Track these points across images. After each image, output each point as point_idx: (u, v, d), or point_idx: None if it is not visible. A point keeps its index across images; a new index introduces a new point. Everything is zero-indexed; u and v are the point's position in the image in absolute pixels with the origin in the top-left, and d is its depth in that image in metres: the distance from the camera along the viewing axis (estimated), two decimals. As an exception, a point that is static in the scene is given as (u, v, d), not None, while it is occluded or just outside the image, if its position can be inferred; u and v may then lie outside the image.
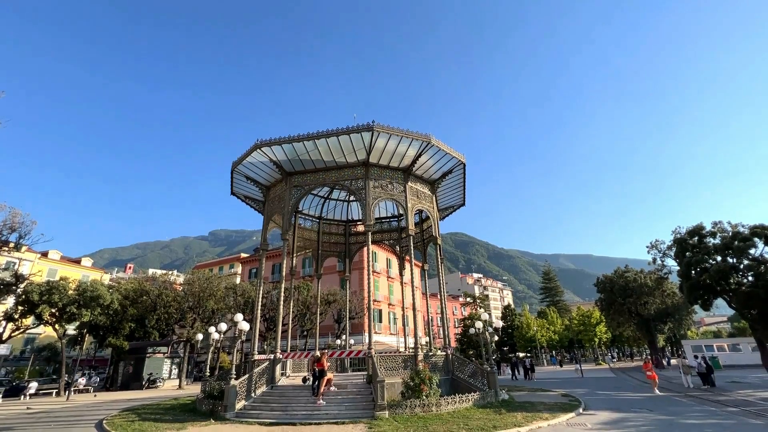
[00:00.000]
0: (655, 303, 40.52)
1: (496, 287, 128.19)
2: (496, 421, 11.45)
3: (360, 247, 27.01)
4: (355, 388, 14.77)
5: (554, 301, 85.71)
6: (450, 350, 18.28)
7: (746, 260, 18.49)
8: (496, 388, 16.30)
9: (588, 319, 58.25)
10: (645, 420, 12.04)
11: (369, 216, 17.33)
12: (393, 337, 47.15)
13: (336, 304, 39.11)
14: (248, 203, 22.23)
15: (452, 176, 20.61)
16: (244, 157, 18.11)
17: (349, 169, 18.49)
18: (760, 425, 10.78)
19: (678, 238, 21.14)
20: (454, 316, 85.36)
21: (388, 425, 11.11)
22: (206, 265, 70.36)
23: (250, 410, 13.76)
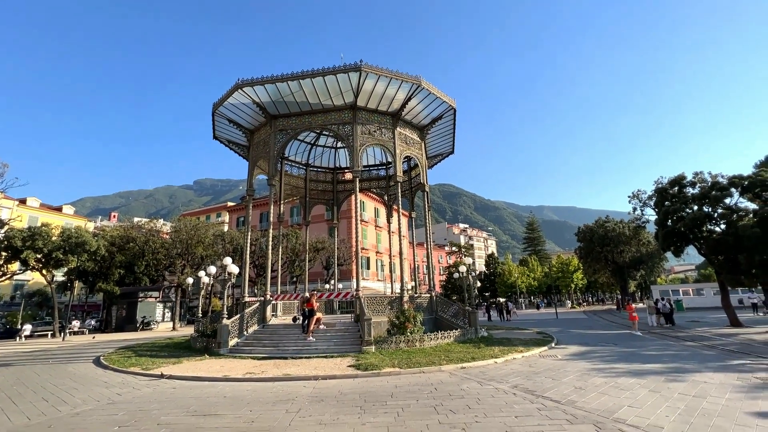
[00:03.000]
0: (631, 251, 42.48)
1: (481, 237, 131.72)
2: (474, 353, 12.31)
3: (348, 195, 26.95)
4: (343, 327, 15.52)
5: (536, 251, 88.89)
6: (434, 293, 19.11)
7: (720, 209, 19.19)
8: (476, 326, 17.36)
9: (566, 267, 61.05)
10: (610, 352, 13.13)
11: (357, 162, 17.08)
12: (380, 283, 48.86)
13: (324, 251, 39.83)
14: (232, 148, 21.56)
15: (442, 122, 20.17)
16: (225, 98, 17.24)
17: (336, 113, 17.86)
18: (710, 355, 11.89)
19: (659, 187, 21.64)
20: (440, 265, 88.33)
21: (374, 357, 11.86)
22: (193, 213, 69.76)
23: (243, 347, 14.44)
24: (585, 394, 7.47)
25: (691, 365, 10.19)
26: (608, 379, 8.81)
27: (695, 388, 7.75)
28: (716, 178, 19.94)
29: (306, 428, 5.99)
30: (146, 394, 8.75)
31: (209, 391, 8.91)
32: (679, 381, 8.38)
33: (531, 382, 8.73)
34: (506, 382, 8.72)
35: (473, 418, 6.20)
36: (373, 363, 10.90)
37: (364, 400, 7.59)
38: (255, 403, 7.66)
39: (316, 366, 11.16)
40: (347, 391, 8.37)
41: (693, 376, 8.88)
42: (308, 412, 6.89)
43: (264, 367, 11.34)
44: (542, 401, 7.08)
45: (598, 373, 9.44)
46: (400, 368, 10.38)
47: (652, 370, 9.71)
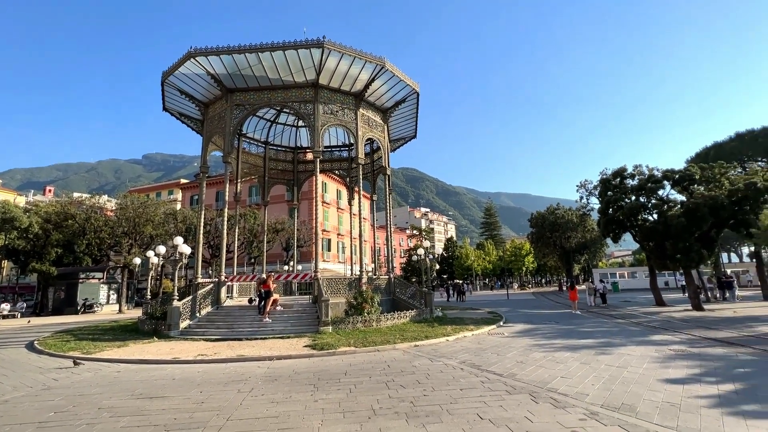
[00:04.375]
0: (577, 237, 45.54)
1: (442, 221, 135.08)
2: (428, 332, 12.83)
3: (309, 176, 26.43)
4: (300, 308, 15.50)
5: (492, 235, 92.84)
6: (393, 274, 19.51)
7: (654, 200, 21.03)
8: (431, 307, 18.01)
9: (519, 251, 64.46)
10: (552, 329, 14.21)
11: (318, 142, 16.75)
12: (341, 265, 48.97)
13: (284, 232, 39.12)
14: (184, 121, 20.30)
15: (405, 106, 20.18)
16: (175, 67, 16.07)
17: (297, 90, 17.29)
18: (636, 330, 13.23)
19: (603, 178, 23.25)
20: (401, 247, 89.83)
21: (330, 337, 12.01)
22: (142, 190, 65.41)
23: (195, 329, 14.04)
24: (525, 368, 8.09)
25: (619, 340, 11.29)
26: (547, 353, 9.57)
27: (619, 359, 8.63)
28: (652, 171, 21.72)
29: (258, 407, 6.02)
30: (87, 379, 8.33)
31: (157, 373, 8.65)
32: (607, 354, 9.29)
33: (478, 357, 9.29)
34: (455, 359, 9.22)
35: (422, 392, 6.53)
36: (329, 342, 11.06)
37: (318, 378, 7.73)
38: (206, 384, 7.56)
39: (272, 347, 11.14)
40: (302, 371, 8.47)
41: (619, 349, 9.86)
42: (261, 391, 6.92)
43: (217, 348, 11.13)
44: (486, 375, 7.58)
45: (538, 349, 10.22)
46: (356, 347, 10.62)
47: (586, 345, 10.65)
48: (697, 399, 5.78)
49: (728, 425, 4.76)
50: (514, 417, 5.22)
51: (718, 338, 11.00)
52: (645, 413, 5.24)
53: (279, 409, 5.90)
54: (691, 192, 20.37)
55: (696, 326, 13.60)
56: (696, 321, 15.10)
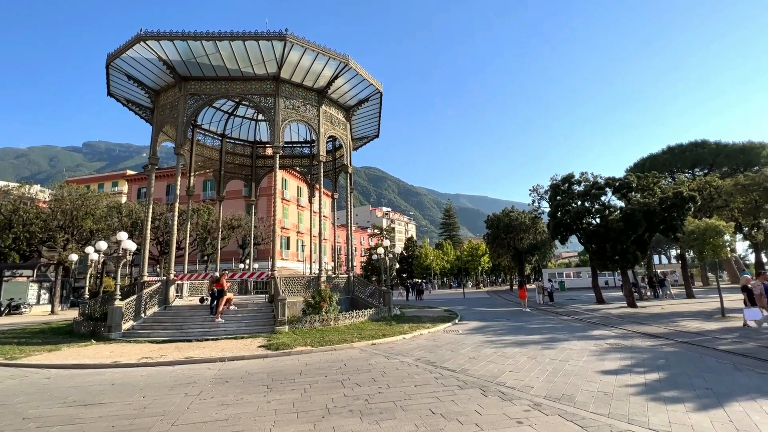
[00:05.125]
0: (529, 239, 47.98)
1: (403, 221, 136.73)
2: (385, 330, 12.96)
3: (268, 171, 25.72)
4: (256, 307, 15.05)
5: (451, 236, 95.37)
6: (352, 273, 19.48)
7: (597, 205, 22.69)
8: (390, 305, 18.20)
9: (476, 251, 66.73)
10: (503, 326, 14.88)
11: (278, 137, 16.33)
12: (300, 263, 48.06)
13: (240, 229, 37.71)
14: (132, 109, 18.98)
15: (368, 105, 20.21)
16: (123, 50, 14.96)
17: (258, 83, 16.75)
18: (578, 326, 14.21)
19: (553, 184, 24.71)
20: (362, 246, 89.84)
21: (286, 337, 11.78)
22: (81, 180, 60.19)
23: (140, 330, 13.19)
24: (477, 363, 8.42)
25: (562, 335, 12.07)
26: (497, 349, 10.02)
27: (562, 353, 9.23)
28: (596, 178, 23.40)
29: (206, 410, 5.78)
30: (10, 387, 7.56)
31: (94, 379, 8.03)
32: (552, 348, 9.90)
33: (433, 354, 9.53)
34: (411, 356, 9.40)
35: (377, 389, 6.59)
36: (284, 342, 10.84)
37: (272, 379, 7.55)
38: (150, 388, 7.13)
39: (224, 348, 10.73)
40: (255, 371, 8.24)
41: (562, 344, 10.54)
42: (210, 394, 6.65)
43: (164, 350, 10.53)
44: (440, 371, 7.80)
45: (490, 345, 10.67)
46: (312, 347, 10.50)
47: (533, 340, 11.28)
48: (627, 388, 6.33)
49: (651, 410, 5.26)
50: (464, 411, 5.42)
51: (647, 332, 12.08)
52: (582, 402, 5.65)
53: (229, 411, 5.70)
54: (629, 199, 22.20)
55: (629, 322, 14.84)
56: (630, 317, 16.47)
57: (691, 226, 16.33)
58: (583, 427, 4.73)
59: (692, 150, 44.86)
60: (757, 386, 6.19)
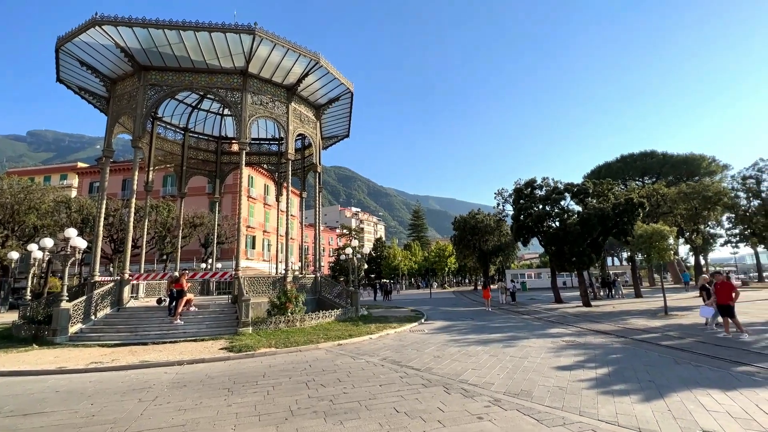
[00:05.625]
0: (493, 240, 49.49)
1: (372, 221, 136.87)
2: (352, 331, 12.93)
3: (233, 168, 24.93)
4: (218, 308, 14.53)
5: (419, 237, 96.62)
6: (319, 273, 19.28)
7: (557, 209, 23.81)
8: (357, 306, 18.16)
9: (443, 252, 67.97)
10: (467, 325, 15.27)
11: (245, 133, 15.88)
12: (266, 263, 46.93)
13: (203, 227, 36.29)
14: (85, 97, 17.80)
15: (339, 104, 20.10)
16: (75, 34, 13.99)
17: (224, 76, 16.21)
18: (537, 325, 14.84)
19: (517, 188, 25.68)
20: (330, 246, 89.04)
21: (250, 339, 11.47)
22: (25, 172, 55.58)
23: (89, 333, 12.35)
24: (441, 362, 8.59)
25: (523, 333, 12.56)
26: (461, 348, 10.27)
27: (522, 351, 9.61)
28: (557, 184, 24.55)
29: (162, 416, 5.53)
30: (-65, 397, 6.85)
31: (36, 386, 7.45)
32: (512, 346, 10.28)
33: (398, 354, 9.62)
34: (377, 356, 9.44)
35: (342, 390, 6.57)
36: (248, 344, 10.55)
37: (233, 381, 7.34)
38: (99, 395, 6.72)
39: (182, 351, 10.28)
40: (215, 375, 7.97)
41: (522, 342, 10.98)
42: (167, 399, 6.36)
43: (116, 354, 9.94)
44: (405, 370, 7.89)
45: (454, 344, 10.91)
46: (277, 348, 10.30)
47: (495, 339, 11.66)
48: (579, 382, 6.69)
49: (600, 402, 5.60)
50: (427, 408, 5.53)
51: (599, 330, 12.82)
52: (539, 397, 5.93)
53: (187, 416, 5.49)
54: (586, 204, 23.46)
55: (584, 320, 15.68)
56: (585, 315, 17.40)
57: (640, 230, 17.50)
58: (539, 421, 4.96)
59: (642, 159, 48.15)
60: (692, 378, 6.74)
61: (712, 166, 44.49)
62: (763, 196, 24.12)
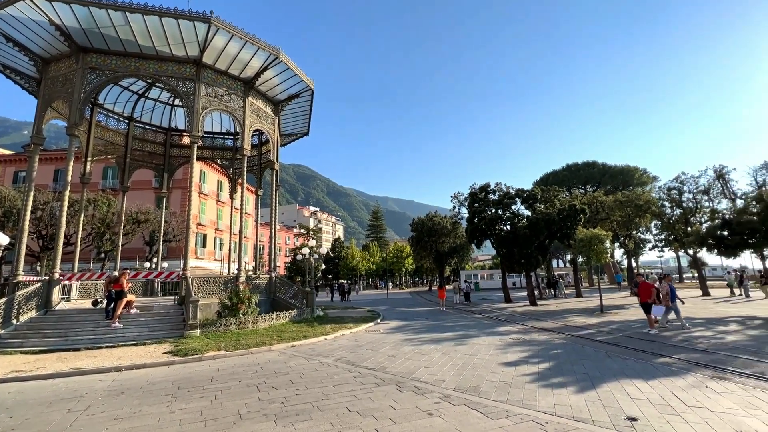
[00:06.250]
0: (449, 242, 50.93)
1: (330, 221, 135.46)
2: (307, 332, 12.74)
3: (184, 162, 23.62)
4: (163, 310, 13.68)
5: (378, 238, 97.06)
6: (274, 273, 18.79)
7: (508, 213, 25.06)
8: (313, 306, 17.92)
9: (401, 253, 68.87)
10: (422, 324, 15.61)
11: (197, 126, 15.11)
12: (218, 263, 44.82)
13: (149, 224, 33.90)
14: (10, 76, 16.05)
15: (299, 101, 19.74)
16: (1, 6, 12.54)
17: (175, 65, 15.33)
18: (487, 323, 15.51)
19: (472, 192, 26.69)
20: (287, 246, 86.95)
21: (197, 342, 10.92)
22: (-68, 157, 48.68)
23: (10, 339, 11.11)
24: (395, 361, 8.72)
25: (474, 332, 13.07)
26: (415, 347, 10.49)
27: (472, 349, 10.01)
28: (509, 189, 25.82)
29: (94, 426, 5.12)
30: None
31: (-59, 400, 6.59)
32: (463, 344, 10.67)
33: (353, 354, 9.64)
34: (332, 357, 9.39)
35: (294, 392, 6.47)
36: (195, 347, 10.05)
37: (177, 387, 6.96)
38: (21, 406, 6.09)
39: (121, 356, 9.57)
40: (158, 380, 7.51)
41: (473, 340, 11.43)
42: (100, 408, 5.90)
43: (41, 362, 9.04)
44: (359, 370, 7.93)
45: (408, 343, 11.12)
46: (227, 351, 9.90)
47: (448, 337, 12.03)
48: (523, 377, 7.10)
49: (541, 395, 5.99)
50: (380, 407, 5.60)
51: (543, 327, 13.66)
52: (486, 392, 6.21)
53: (124, 425, 5.13)
54: (534, 209, 24.88)
55: (530, 318, 16.62)
56: (531, 314, 18.44)
57: (581, 234, 18.90)
58: (485, 414, 5.21)
59: (585, 169, 51.92)
60: (620, 370, 7.41)
61: (644, 178, 48.99)
62: (684, 205, 26.96)
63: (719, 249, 15.88)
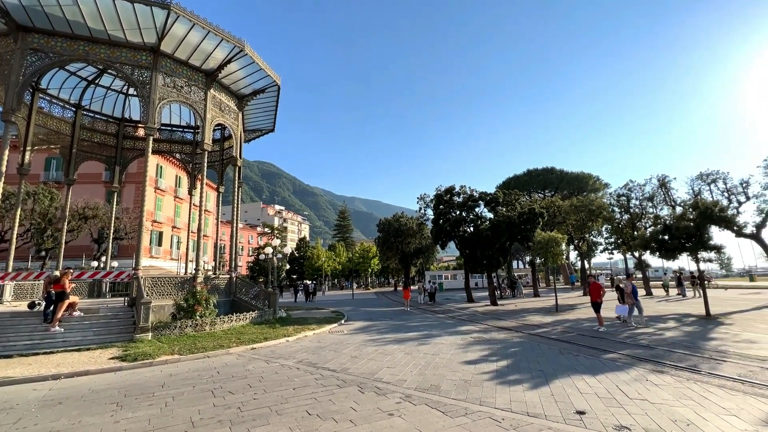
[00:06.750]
0: (415, 243, 51.55)
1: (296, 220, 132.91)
2: (268, 334, 12.40)
3: (138, 155, 22.26)
4: (110, 312, 12.79)
5: (344, 238, 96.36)
6: (235, 273, 18.15)
7: (472, 215, 25.74)
8: (275, 308, 17.47)
9: (367, 254, 68.82)
10: (386, 324, 15.66)
11: (153, 117, 14.30)
12: (174, 262, 42.70)
13: (97, 220, 31.66)
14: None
15: (264, 96, 19.21)
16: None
17: (131, 51, 14.43)
18: (450, 323, 15.83)
19: (438, 194, 27.19)
20: (250, 245, 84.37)
21: (148, 346, 10.30)
22: None
23: (-72, 346, 9.96)
24: (358, 362, 8.67)
25: (436, 331, 13.29)
26: (378, 347, 10.50)
27: (434, 348, 10.16)
28: (473, 192, 26.51)
29: (25, 441, 4.68)
30: None
31: None
32: (426, 344, 10.81)
33: (316, 356, 9.49)
34: (293, 359, 9.19)
35: (252, 396, 6.26)
36: (145, 352, 9.47)
37: (124, 395, 6.53)
38: (-64, 421, 5.45)
39: (60, 362, 8.84)
40: (102, 388, 7.01)
41: (435, 339, 11.61)
42: (33, 420, 5.40)
43: (-35, 371, 8.16)
44: (321, 372, 7.81)
45: (372, 344, 11.11)
46: (181, 355, 9.41)
47: (411, 337, 12.14)
48: (482, 375, 7.30)
49: (498, 392, 6.18)
50: (341, 409, 5.54)
51: (503, 326, 14.13)
52: (446, 390, 6.32)
53: (60, 438, 4.73)
54: (497, 212, 25.73)
55: (491, 318, 17.15)
56: (491, 313, 19.03)
57: (539, 237, 19.76)
58: (444, 413, 5.30)
59: (544, 174, 54.39)
60: (572, 366, 7.80)
61: (597, 184, 52.06)
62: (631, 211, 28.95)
63: (660, 252, 17.16)
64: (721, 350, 8.86)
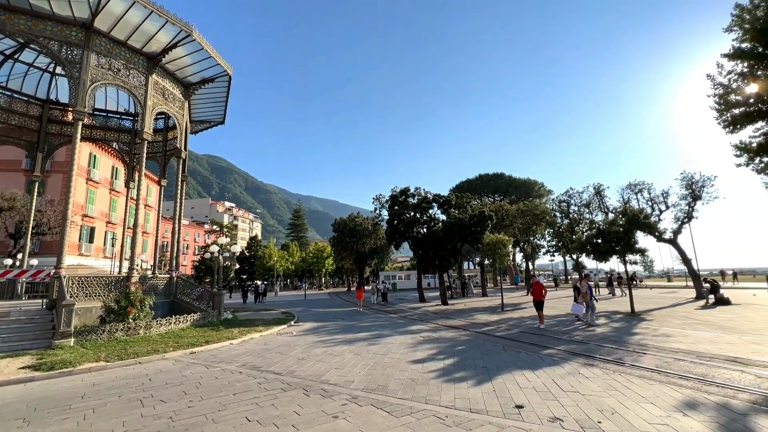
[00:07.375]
0: (370, 243, 51.65)
1: (248, 218, 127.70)
2: (210, 337, 11.71)
3: (66, 142, 20.13)
4: (25, 316, 11.40)
5: (299, 237, 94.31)
6: (176, 273, 17.00)
7: (426, 217, 26.27)
8: (220, 309, 16.59)
9: (321, 253, 67.78)
10: (337, 325, 15.45)
11: (83, 100, 12.98)
12: (108, 261, 39.16)
13: (14, 212, 28.17)
14: None
15: (214, 86, 18.21)
16: None
17: (57, 25, 12.98)
18: (401, 322, 15.97)
19: (393, 195, 27.44)
20: (196, 243, 79.73)
21: (69, 353, 9.28)
22: None
23: None
24: (305, 364, 8.43)
25: (387, 331, 13.33)
26: (328, 348, 10.30)
27: (384, 348, 10.16)
28: (427, 194, 27.05)
29: None
30: None
31: None
32: (376, 344, 10.78)
33: (261, 359, 9.09)
34: (236, 363, 8.73)
35: (186, 404, 5.83)
36: (65, 359, 8.52)
37: (33, 409, 5.79)
38: None
39: (-43, 374, 7.68)
40: (7, 402, 6.17)
41: (386, 339, 11.63)
42: None
43: None
44: (265, 375, 7.48)
45: (321, 345, 10.87)
46: (107, 362, 8.57)
47: (362, 337, 12.06)
48: (429, 373, 7.39)
49: (443, 390, 6.27)
50: (283, 413, 5.31)
51: (452, 325, 14.50)
52: (393, 390, 6.31)
53: (-55, 463, 4.07)
54: (449, 214, 26.45)
55: (441, 317, 17.55)
56: (442, 313, 19.49)
57: (488, 239, 20.58)
58: (390, 413, 5.27)
59: (495, 179, 56.95)
60: (514, 362, 8.15)
61: (541, 190, 55.48)
62: (571, 216, 31.20)
63: (594, 254, 18.59)
64: (643, 344, 9.73)
